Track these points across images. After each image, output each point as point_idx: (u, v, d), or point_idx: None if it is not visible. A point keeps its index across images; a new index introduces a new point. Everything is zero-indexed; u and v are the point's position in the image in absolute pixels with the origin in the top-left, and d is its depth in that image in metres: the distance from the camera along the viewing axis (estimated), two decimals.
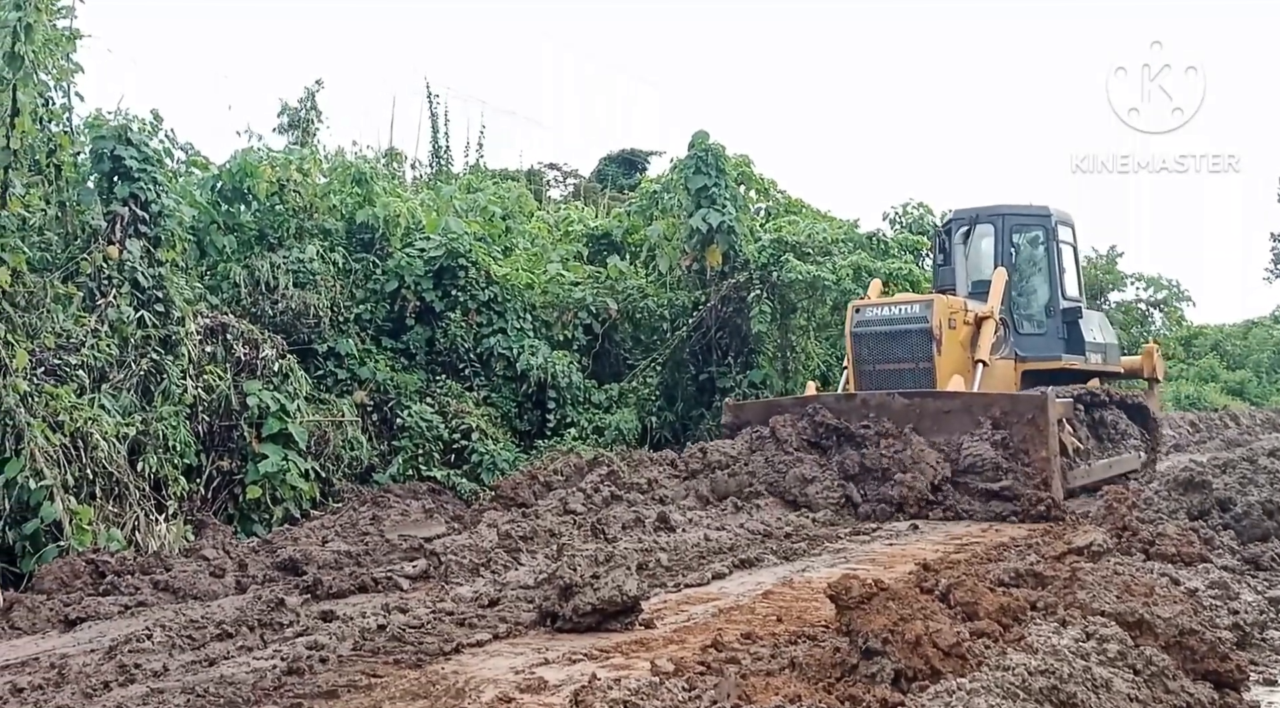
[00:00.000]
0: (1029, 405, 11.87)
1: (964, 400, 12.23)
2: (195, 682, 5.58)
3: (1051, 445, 11.54)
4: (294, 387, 12.93)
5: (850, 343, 13.79)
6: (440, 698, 5.18)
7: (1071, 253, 15.39)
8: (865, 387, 13.35)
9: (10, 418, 9.53)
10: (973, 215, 14.95)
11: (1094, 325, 15.47)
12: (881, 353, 13.40)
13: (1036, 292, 15.07)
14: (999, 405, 12.04)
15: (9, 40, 9.77)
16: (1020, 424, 11.72)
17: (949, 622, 4.44)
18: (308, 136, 19.90)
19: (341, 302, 15.29)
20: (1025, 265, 15.10)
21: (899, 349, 13.26)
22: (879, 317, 13.54)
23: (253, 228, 15.14)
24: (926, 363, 13.02)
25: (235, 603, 7.42)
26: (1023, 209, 15.06)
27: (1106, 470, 13.42)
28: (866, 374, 13.53)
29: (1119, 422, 14.44)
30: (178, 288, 12.10)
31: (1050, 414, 11.67)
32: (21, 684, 5.65)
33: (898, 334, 13.26)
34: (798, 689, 4.01)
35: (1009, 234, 14.85)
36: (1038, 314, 14.88)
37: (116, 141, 11.74)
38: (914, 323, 13.15)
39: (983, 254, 14.99)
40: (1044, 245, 14.94)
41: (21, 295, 10.28)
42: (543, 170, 33.17)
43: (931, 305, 13.13)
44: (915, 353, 13.13)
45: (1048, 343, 14.66)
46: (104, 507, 10.09)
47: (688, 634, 6.40)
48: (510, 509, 11.82)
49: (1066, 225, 15.26)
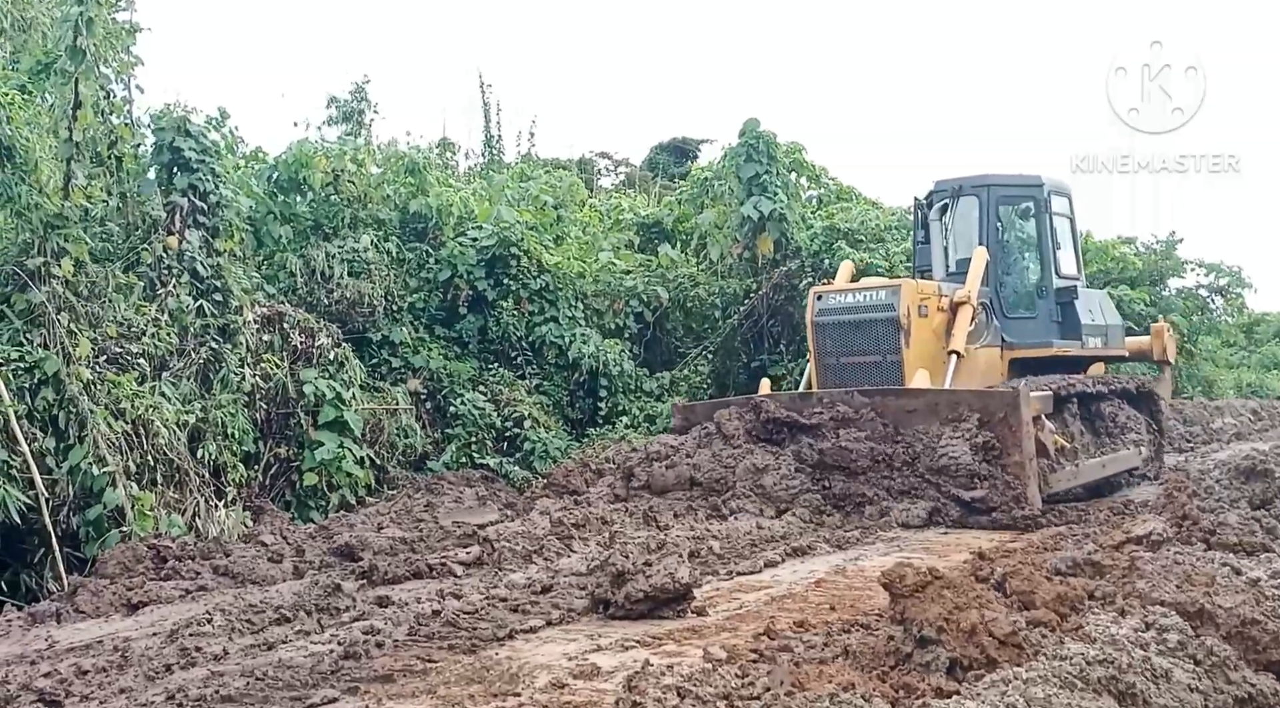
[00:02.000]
0: (1000, 403, 10.46)
1: (928, 399, 10.84)
2: (254, 665, 5.66)
3: (1026, 447, 10.23)
4: (349, 375, 13.08)
5: (811, 334, 12.42)
6: (495, 683, 5.22)
7: (1068, 226, 13.84)
8: (828, 383, 12.03)
9: (74, 405, 9.74)
10: (955, 187, 13.49)
11: (1092, 306, 13.95)
12: (845, 345, 12.05)
13: (1027, 271, 13.63)
14: (967, 403, 10.63)
15: (70, 34, 9.96)
16: (992, 424, 10.38)
17: (1005, 611, 4.40)
18: (361, 127, 20.11)
19: (395, 291, 15.42)
20: (1014, 242, 13.68)
21: (864, 341, 11.91)
22: (842, 304, 12.14)
23: (308, 218, 15.31)
24: (894, 355, 11.68)
25: (293, 588, 7.51)
26: (1011, 178, 13.51)
27: (1099, 470, 12.14)
28: (829, 369, 12.19)
29: (1119, 413, 13.03)
30: (235, 277, 12.28)
31: (1024, 412, 10.32)
32: (86, 667, 5.77)
33: (862, 324, 11.90)
34: (851, 678, 4.00)
35: (995, 207, 13.30)
36: (1028, 296, 13.39)
37: (176, 133, 11.93)
38: (879, 311, 11.78)
39: (965, 230, 13.49)
40: (1035, 219, 13.35)
41: (84, 285, 10.50)
42: (594, 159, 33.22)
43: (898, 291, 11.81)
44: (881, 344, 11.78)
45: (1040, 328, 13.18)
46: (165, 493, 10.28)
47: (740, 622, 6.39)
48: (562, 497, 11.88)
49: (1062, 196, 13.74)
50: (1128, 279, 27.52)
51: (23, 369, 9.76)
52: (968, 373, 11.90)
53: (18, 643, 6.64)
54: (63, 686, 5.42)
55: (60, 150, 10.56)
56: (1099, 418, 12.59)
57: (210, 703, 5.05)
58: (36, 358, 9.82)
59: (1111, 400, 13.01)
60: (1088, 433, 12.20)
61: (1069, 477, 11.35)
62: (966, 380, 11.72)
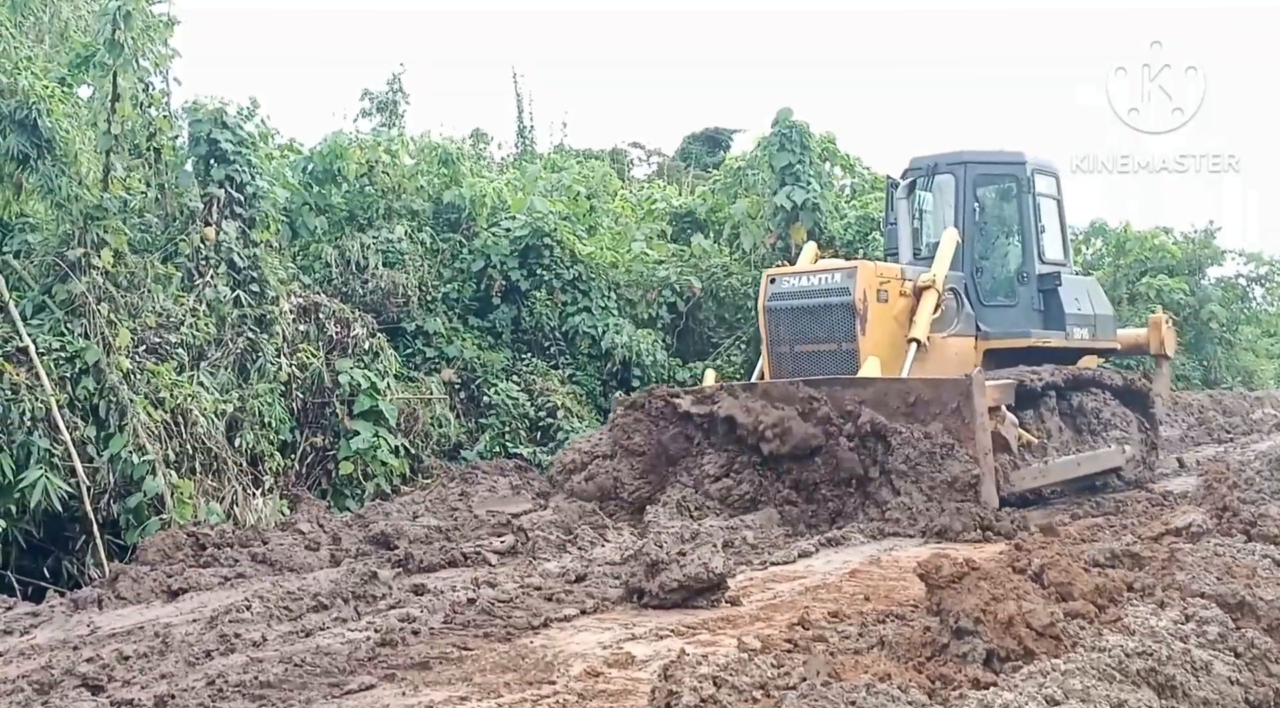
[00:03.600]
0: (953, 392, 9.53)
1: (878, 388, 9.92)
2: (292, 652, 5.73)
3: (981, 441, 9.30)
4: (384, 365, 13.15)
5: (763, 321, 11.56)
6: (530, 671, 5.25)
7: (1054, 208, 12.88)
8: (782, 374, 11.17)
9: (114, 395, 9.86)
10: (931, 164, 12.60)
11: (1079, 294, 12.96)
12: (799, 332, 11.21)
13: (1007, 255, 12.68)
14: (916, 393, 9.72)
15: (109, 27, 10.06)
16: (944, 416, 9.45)
17: (1042, 602, 4.38)
18: (395, 118, 20.18)
19: (429, 281, 15.47)
20: (993, 224, 12.79)
21: (818, 328, 11.08)
22: (795, 289, 11.28)
23: (343, 209, 15.39)
24: (849, 344, 10.86)
25: (330, 576, 7.59)
26: (991, 156, 12.66)
27: (1073, 468, 11.17)
28: (782, 358, 11.35)
29: (1103, 409, 11.97)
30: (272, 268, 12.37)
31: (978, 402, 9.36)
32: (128, 652, 5.86)
33: (816, 309, 11.06)
34: (887, 668, 3.99)
35: (972, 186, 12.36)
36: (1007, 282, 12.49)
37: (213, 125, 12.01)
38: (833, 295, 10.95)
39: (940, 211, 12.69)
40: (1017, 199, 12.45)
41: (124, 276, 10.61)
42: (626, 149, 33.15)
43: (854, 274, 10.97)
44: (836, 332, 10.96)
45: (1019, 316, 12.26)
46: (203, 481, 10.39)
47: (774, 612, 6.40)
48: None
49: (1047, 175, 12.77)
50: (1166, 268, 27.25)
51: (64, 359, 9.89)
52: (935, 364, 11.05)
53: (61, 629, 6.75)
54: (105, 671, 5.51)
55: (100, 142, 10.67)
56: (1080, 413, 11.65)
57: (249, 689, 5.12)
58: (77, 348, 9.95)
59: (1095, 394, 12.01)
60: (1067, 429, 11.36)
61: (1035, 475, 10.44)
62: (934, 372, 10.78)
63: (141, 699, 4.98)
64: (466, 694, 4.92)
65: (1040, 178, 12.54)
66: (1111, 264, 27.53)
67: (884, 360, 10.69)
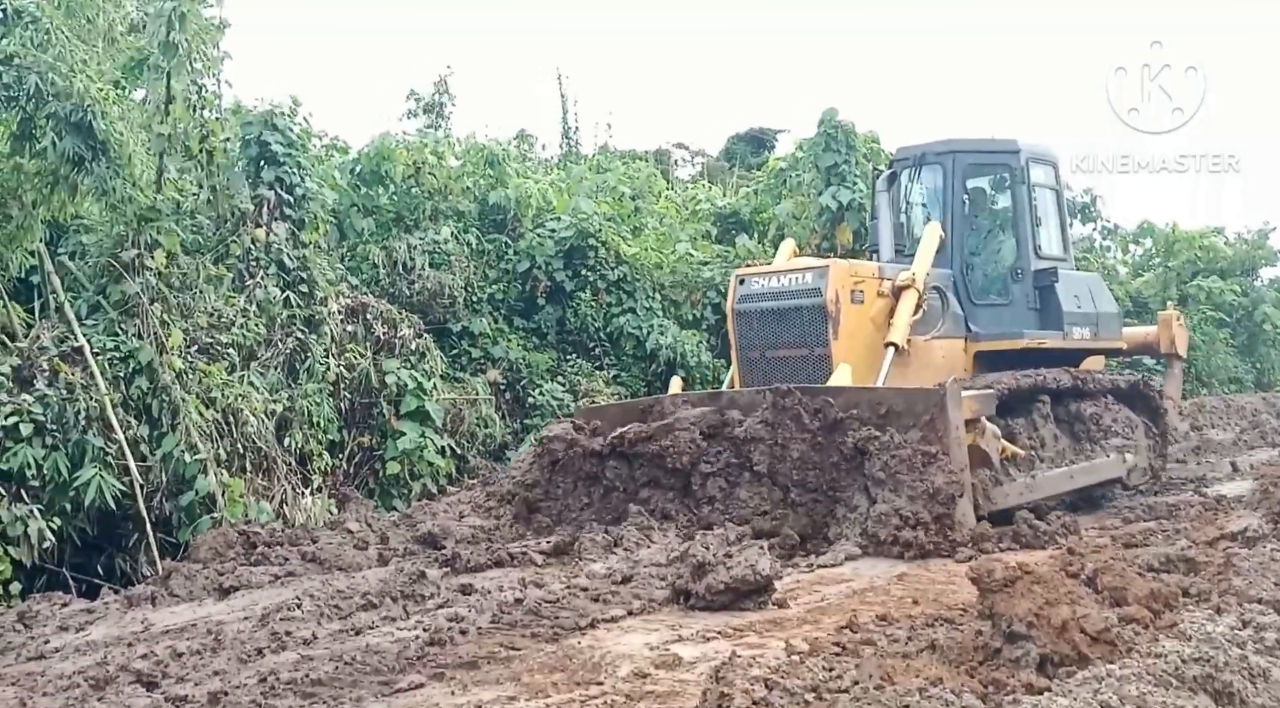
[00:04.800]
0: (926, 403, 8.74)
1: (847, 398, 9.05)
2: (342, 650, 5.77)
3: (956, 456, 8.49)
4: (430, 365, 13.25)
5: (731, 325, 10.77)
6: (577, 672, 5.25)
7: (1053, 199, 12.11)
8: (753, 381, 10.36)
9: (167, 394, 10.01)
10: (918, 155, 11.86)
11: (1079, 291, 12.03)
12: (769, 337, 10.42)
13: (1000, 251, 11.83)
14: (888, 403, 8.90)
15: (164, 29, 10.20)
16: (917, 428, 8.65)
17: (1097, 607, 4.32)
18: (441, 120, 20.32)
19: (475, 282, 15.57)
20: (985, 217, 11.99)
21: (788, 332, 10.28)
22: (764, 290, 10.48)
23: (390, 210, 15.53)
24: (821, 349, 10.07)
25: (378, 575, 7.64)
26: (982, 144, 11.83)
27: (1065, 482, 10.36)
28: (753, 364, 10.55)
29: (1103, 414, 11.18)
30: (320, 269, 12.51)
31: (952, 415, 8.59)
32: (181, 649, 5.93)
33: (786, 312, 10.28)
34: (939, 672, 3.96)
35: (961, 177, 11.55)
36: (1000, 280, 11.65)
37: (263, 127, 12.17)
38: (804, 297, 10.17)
39: (928, 204, 11.91)
40: (1011, 190, 11.66)
41: (176, 277, 10.77)
42: (670, 150, 33.12)
43: (825, 273, 10.16)
44: (807, 336, 10.17)
45: (1013, 316, 11.41)
46: (253, 480, 10.52)
47: (821, 615, 6.36)
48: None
49: (1044, 164, 11.98)
50: (1218, 269, 26.85)
51: (118, 358, 10.05)
52: (919, 369, 10.30)
53: (115, 625, 6.84)
54: (159, 667, 5.58)
55: (153, 145, 10.83)
56: (1078, 420, 10.90)
57: (301, 686, 5.16)
58: (131, 348, 10.11)
59: (1096, 399, 11.25)
60: (1064, 438, 10.61)
61: (1021, 491, 9.64)
62: (917, 378, 10.02)
63: (195, 696, 5.04)
64: (515, 694, 4.93)
65: (1036, 167, 11.80)
66: (1161, 265, 27.17)
67: (859, 366, 9.92)
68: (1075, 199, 25.95)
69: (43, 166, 9.62)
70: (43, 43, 9.46)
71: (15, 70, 9.02)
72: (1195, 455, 15.34)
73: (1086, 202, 26.22)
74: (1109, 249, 27.93)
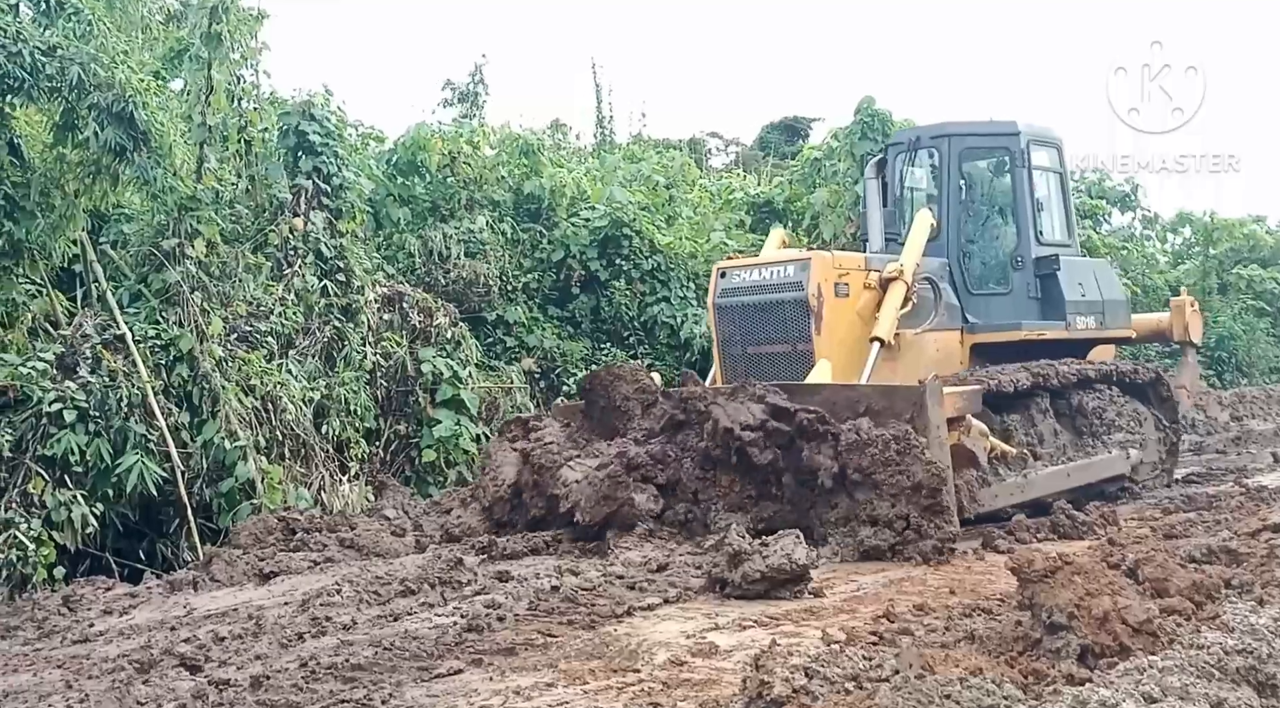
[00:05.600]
0: (906, 401, 8.28)
1: (825, 396, 8.58)
2: (381, 635, 5.83)
3: (937, 457, 7.94)
4: (465, 354, 13.30)
5: (713, 319, 10.35)
6: (614, 659, 5.28)
7: (1056, 183, 11.55)
8: (735, 378, 9.76)
9: (207, 382, 10.11)
10: (912, 139, 11.40)
11: (1083, 279, 11.46)
12: (751, 332, 9.98)
13: (999, 238, 11.34)
14: (868, 401, 8.42)
15: (206, 20, 10.29)
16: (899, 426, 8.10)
17: (1138, 598, 4.29)
18: (476, 110, 20.38)
19: (510, 271, 15.61)
20: (983, 203, 11.49)
21: (770, 327, 9.86)
22: (745, 283, 10.04)
23: (425, 200, 15.60)
24: (804, 344, 9.60)
25: (416, 561, 7.70)
26: (979, 127, 11.32)
27: (1061, 480, 9.81)
28: (735, 361, 10.12)
29: (1106, 408, 10.68)
30: (357, 258, 12.58)
31: (932, 413, 8.11)
32: (223, 633, 6.01)
33: (768, 306, 9.83)
34: (978, 662, 3.95)
35: (958, 162, 11.05)
36: (999, 268, 11.15)
37: (301, 117, 12.25)
38: (786, 290, 9.72)
39: (920, 191, 11.40)
40: (1011, 174, 11.12)
41: (216, 265, 10.87)
42: (704, 139, 33.11)
43: (808, 265, 9.69)
44: (789, 331, 9.72)
45: (1013, 306, 10.93)
46: (292, 467, 10.61)
47: (858, 604, 6.36)
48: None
49: (1046, 146, 11.44)
50: (1259, 258, 26.53)
51: (159, 346, 10.16)
52: (911, 364, 9.82)
53: (158, 609, 6.95)
54: (202, 651, 5.66)
55: (194, 135, 10.93)
56: (1080, 414, 10.43)
57: (341, 671, 5.22)
58: (172, 335, 10.22)
59: (1099, 392, 10.73)
60: (1065, 433, 10.21)
61: (1012, 491, 9.22)
62: (909, 373, 9.53)
63: (238, 679, 5.11)
64: (553, 681, 4.96)
65: (1037, 149, 11.25)
66: (1201, 254, 26.87)
67: (844, 362, 9.50)
68: (1115, 188, 25.72)
69: (85, 157, 9.73)
70: (84, 34, 9.54)
71: (58, 61, 9.10)
72: (1236, 446, 15.19)
73: (1127, 191, 25.98)
74: (1149, 238, 27.67)
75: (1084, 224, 18.55)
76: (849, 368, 9.46)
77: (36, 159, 9.91)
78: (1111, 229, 26.13)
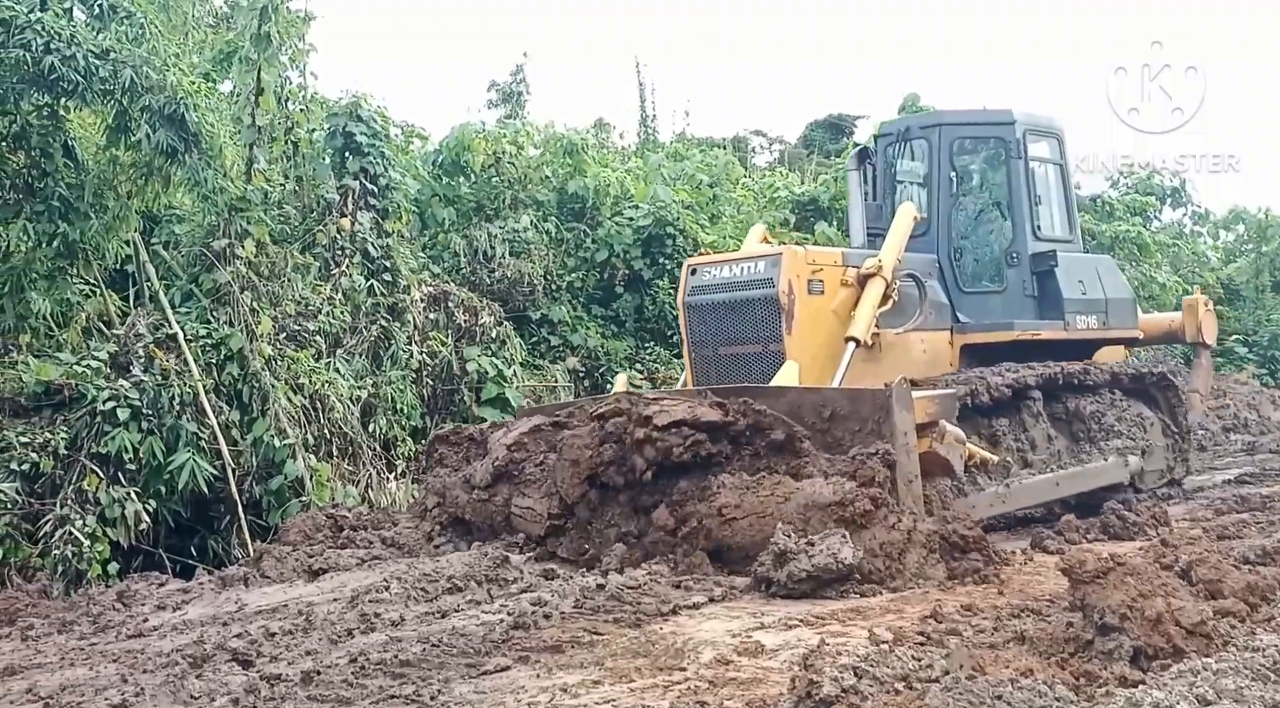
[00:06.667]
0: (872, 405, 7.64)
1: (791, 400, 7.95)
2: (429, 632, 5.86)
3: (903, 465, 7.36)
4: (510, 353, 13.38)
5: (683, 318, 9.73)
6: (660, 658, 5.28)
7: (1056, 174, 10.92)
8: (706, 381, 9.30)
9: (257, 380, 10.24)
10: (901, 129, 10.84)
11: (1084, 276, 10.79)
12: (721, 332, 9.41)
13: (993, 233, 10.75)
14: (833, 405, 7.80)
15: (255, 21, 10.42)
16: (864, 433, 7.57)
17: (1192, 600, 4.24)
18: (519, 110, 20.48)
19: (554, 270, 15.69)
20: (977, 196, 10.93)
21: (741, 326, 9.27)
22: (716, 281, 9.45)
23: (470, 200, 15.70)
24: (776, 345, 9.02)
25: (463, 559, 7.72)
26: (972, 116, 10.78)
27: (1049, 490, 9.27)
28: (706, 362, 9.54)
29: (1105, 412, 10.10)
30: (404, 258, 12.70)
31: (898, 418, 7.46)
32: (274, 629, 6.07)
33: (739, 305, 9.24)
34: (1029, 663, 3.92)
35: (949, 153, 10.48)
36: (993, 264, 10.56)
37: (348, 118, 12.37)
38: (756, 288, 9.14)
39: (913, 184, 10.83)
40: (1006, 166, 10.49)
41: (265, 265, 11.01)
42: (748, 137, 33.03)
43: (779, 261, 9.09)
44: (760, 331, 9.13)
45: (1008, 304, 10.31)
46: (340, 465, 10.72)
47: (904, 604, 6.31)
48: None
49: (1045, 136, 10.81)
50: None
51: (210, 345, 10.31)
52: (894, 365, 9.16)
53: (210, 605, 7.02)
54: (254, 646, 5.72)
55: (243, 136, 11.07)
56: (1077, 419, 9.87)
57: (390, 667, 5.25)
58: (222, 335, 10.36)
59: (1098, 395, 10.15)
60: (1061, 439, 9.65)
61: (991, 502, 8.63)
62: (893, 376, 8.23)
63: (289, 674, 5.16)
64: (599, 678, 4.97)
65: (1035, 140, 10.65)
66: (1254, 251, 26.44)
67: (819, 364, 8.96)
68: (1164, 183, 25.38)
69: (137, 158, 9.89)
70: (137, 37, 9.70)
71: (111, 65, 9.25)
72: None
73: (1176, 186, 25.63)
74: (1199, 235, 27.26)
75: (1133, 221, 18.25)
76: (824, 370, 8.90)
77: (90, 161, 10.09)
78: (1161, 225, 25.79)
